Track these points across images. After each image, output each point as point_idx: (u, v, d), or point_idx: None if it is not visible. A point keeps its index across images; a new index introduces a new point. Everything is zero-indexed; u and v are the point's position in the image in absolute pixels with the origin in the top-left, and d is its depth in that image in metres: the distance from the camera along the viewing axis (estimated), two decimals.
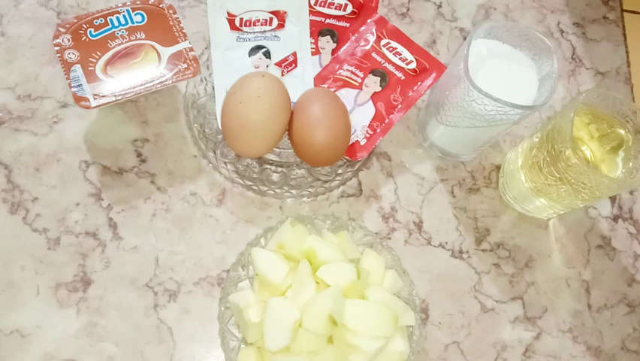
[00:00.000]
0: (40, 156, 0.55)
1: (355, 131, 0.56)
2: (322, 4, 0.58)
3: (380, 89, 0.56)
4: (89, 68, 0.50)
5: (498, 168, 0.61)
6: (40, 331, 0.49)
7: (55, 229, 0.52)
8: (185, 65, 0.52)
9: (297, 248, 0.48)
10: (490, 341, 0.54)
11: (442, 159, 0.60)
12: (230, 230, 0.54)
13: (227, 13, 0.55)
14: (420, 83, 0.56)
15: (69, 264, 0.51)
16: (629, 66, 0.69)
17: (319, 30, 0.58)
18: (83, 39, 0.51)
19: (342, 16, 0.59)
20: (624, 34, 0.71)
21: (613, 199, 0.61)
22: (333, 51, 0.59)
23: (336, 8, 0.58)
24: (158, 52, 0.52)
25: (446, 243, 0.57)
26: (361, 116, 0.56)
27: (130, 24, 0.53)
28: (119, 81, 0.50)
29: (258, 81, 0.51)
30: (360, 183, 0.58)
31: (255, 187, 0.55)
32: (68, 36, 0.51)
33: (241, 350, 0.48)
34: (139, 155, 0.56)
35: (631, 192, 0.62)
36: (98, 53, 0.51)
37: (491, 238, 0.58)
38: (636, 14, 0.74)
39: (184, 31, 0.53)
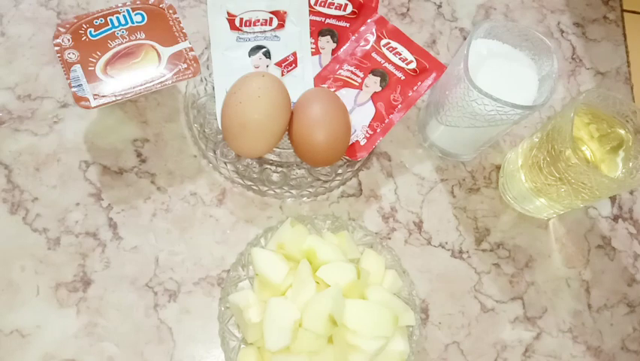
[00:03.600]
0: (40, 156, 0.55)
1: (355, 131, 0.56)
2: (322, 4, 0.58)
3: (380, 89, 0.56)
4: (89, 68, 0.50)
5: (498, 168, 0.61)
6: (40, 331, 0.49)
7: (55, 229, 0.52)
8: (185, 65, 0.52)
9: (297, 248, 0.48)
10: (490, 341, 0.54)
11: (442, 159, 0.60)
12: (230, 230, 0.54)
13: (227, 13, 0.55)
14: (420, 83, 0.56)
15: (69, 264, 0.51)
16: (629, 66, 0.69)
17: (319, 30, 0.58)
18: (83, 39, 0.51)
19: (342, 16, 0.59)
20: (624, 34, 0.71)
21: (613, 199, 0.61)
22: (333, 51, 0.59)
23: (336, 8, 0.58)
24: (158, 52, 0.52)
25: (446, 243, 0.57)
26: (361, 116, 0.56)
27: (130, 24, 0.53)
28: (119, 81, 0.50)
29: (258, 81, 0.51)
30: (360, 183, 0.58)
31: (255, 187, 0.55)
32: (68, 36, 0.51)
33: (241, 350, 0.48)
34: (139, 155, 0.56)
35: (631, 192, 0.62)
36: (98, 53, 0.51)
37: (491, 238, 0.58)
38: (636, 14, 0.74)
39: (184, 31, 0.53)
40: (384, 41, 0.58)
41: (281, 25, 0.57)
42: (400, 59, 0.57)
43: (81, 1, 0.63)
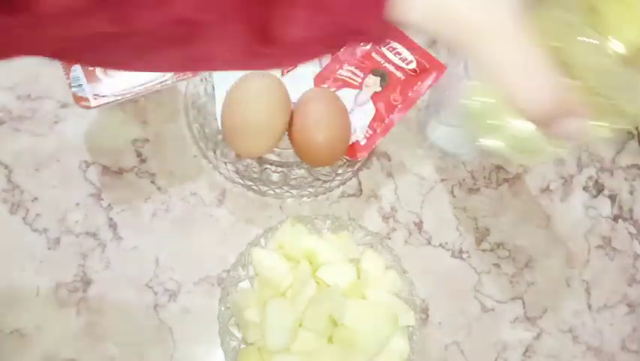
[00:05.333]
0: (40, 156, 0.55)
1: (355, 131, 0.56)
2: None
3: (380, 89, 0.56)
4: (89, 68, 0.50)
5: (498, 168, 0.61)
6: (40, 331, 0.49)
7: (55, 229, 0.52)
8: None
9: (297, 248, 0.48)
10: (490, 341, 0.54)
11: (442, 159, 0.60)
12: (230, 230, 0.54)
13: None
14: (420, 83, 0.56)
15: (69, 264, 0.51)
16: None
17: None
18: None
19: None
20: None
21: (613, 199, 0.61)
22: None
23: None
24: None
25: (446, 243, 0.57)
26: (361, 116, 0.56)
27: None
28: (119, 81, 0.50)
29: (258, 81, 0.51)
30: (360, 183, 0.58)
31: (255, 187, 0.55)
32: None
33: (241, 350, 0.48)
34: (139, 155, 0.56)
35: (631, 193, 0.62)
36: None
37: (491, 238, 0.58)
38: None
39: None
40: None
41: None
42: (400, 59, 0.57)
43: None
